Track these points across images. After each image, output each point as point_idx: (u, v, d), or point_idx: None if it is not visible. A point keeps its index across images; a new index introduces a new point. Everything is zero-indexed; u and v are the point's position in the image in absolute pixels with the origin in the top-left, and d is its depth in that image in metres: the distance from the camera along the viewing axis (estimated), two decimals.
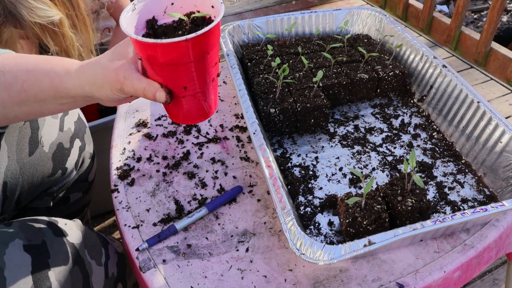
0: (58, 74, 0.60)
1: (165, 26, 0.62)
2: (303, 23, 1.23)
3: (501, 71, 1.90)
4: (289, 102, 0.93)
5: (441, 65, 0.99)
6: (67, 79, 0.60)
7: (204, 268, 0.71)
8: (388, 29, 1.17)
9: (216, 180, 0.88)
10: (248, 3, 2.74)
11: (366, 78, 1.01)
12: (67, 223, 0.72)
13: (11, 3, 0.92)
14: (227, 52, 1.06)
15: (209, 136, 0.99)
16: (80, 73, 0.60)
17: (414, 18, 2.29)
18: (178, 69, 0.56)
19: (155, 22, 0.62)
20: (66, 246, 0.67)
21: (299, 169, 0.89)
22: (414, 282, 0.67)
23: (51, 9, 0.99)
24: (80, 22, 1.13)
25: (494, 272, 1.20)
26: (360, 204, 0.71)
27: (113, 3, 1.38)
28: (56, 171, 0.88)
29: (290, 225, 0.66)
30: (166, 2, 0.62)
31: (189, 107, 0.62)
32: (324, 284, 0.68)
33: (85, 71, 0.60)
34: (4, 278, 0.58)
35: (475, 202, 0.81)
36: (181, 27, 0.61)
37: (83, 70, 0.60)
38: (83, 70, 0.60)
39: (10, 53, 0.63)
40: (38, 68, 0.61)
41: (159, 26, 0.62)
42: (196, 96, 0.61)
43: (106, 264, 0.76)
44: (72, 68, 0.60)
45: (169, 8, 0.62)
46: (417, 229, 0.64)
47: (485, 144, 0.85)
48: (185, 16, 0.61)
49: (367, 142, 0.95)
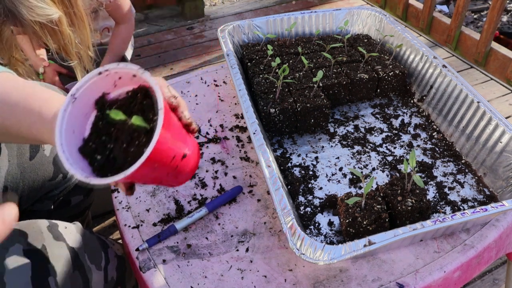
0: (35, 124, 0.58)
1: (120, 103, 0.54)
2: (303, 23, 1.23)
3: (501, 71, 1.89)
4: (289, 102, 0.93)
5: (441, 65, 0.99)
6: (44, 131, 0.58)
7: (204, 268, 0.71)
8: (388, 29, 1.17)
9: (216, 180, 0.88)
10: (248, 3, 2.74)
11: (366, 78, 1.01)
12: (67, 227, 0.72)
13: (11, 2, 0.92)
14: (227, 52, 1.06)
15: (209, 136, 0.99)
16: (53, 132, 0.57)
17: (414, 18, 2.29)
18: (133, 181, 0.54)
19: (106, 101, 0.55)
20: (66, 250, 0.67)
21: (299, 169, 0.89)
22: (414, 282, 0.67)
23: (50, 8, 1.00)
24: (78, 20, 1.13)
25: (494, 272, 1.20)
26: (360, 204, 0.71)
27: (112, 3, 1.39)
28: (57, 175, 0.88)
29: (290, 225, 0.66)
30: (113, 76, 0.54)
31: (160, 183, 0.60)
32: (324, 284, 0.68)
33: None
34: (4, 283, 0.58)
35: (475, 202, 0.81)
36: (132, 106, 0.53)
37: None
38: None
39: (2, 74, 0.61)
40: (18, 110, 0.58)
41: (112, 103, 0.54)
42: (163, 181, 0.58)
43: (106, 268, 0.76)
44: (48, 117, 0.58)
45: (118, 81, 0.54)
46: (417, 229, 0.64)
47: (485, 144, 0.85)
48: (125, 114, 0.52)
49: (367, 142, 0.95)
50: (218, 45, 2.27)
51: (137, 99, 0.53)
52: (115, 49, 1.51)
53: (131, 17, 1.50)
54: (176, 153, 0.53)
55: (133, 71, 0.52)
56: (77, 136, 0.53)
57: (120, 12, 1.44)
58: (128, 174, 0.47)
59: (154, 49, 2.27)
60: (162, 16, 2.62)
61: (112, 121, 0.52)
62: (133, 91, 0.54)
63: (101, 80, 0.53)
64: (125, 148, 0.51)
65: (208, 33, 2.42)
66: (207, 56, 2.22)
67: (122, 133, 0.51)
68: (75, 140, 0.53)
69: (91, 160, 0.53)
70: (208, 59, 2.19)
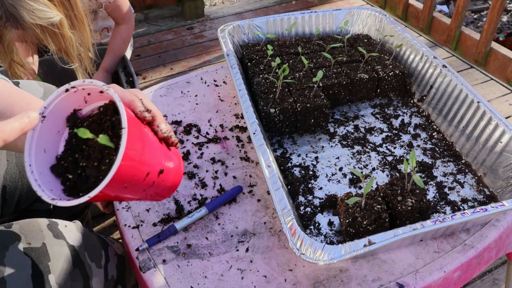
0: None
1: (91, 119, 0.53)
2: (303, 23, 1.23)
3: (501, 71, 1.89)
4: (289, 102, 0.93)
5: (441, 65, 0.99)
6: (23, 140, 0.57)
7: (204, 268, 0.71)
8: (388, 29, 1.17)
9: (216, 180, 0.88)
10: (248, 3, 2.74)
11: (366, 78, 1.01)
12: (67, 225, 0.72)
13: (12, 6, 0.93)
14: (227, 52, 1.06)
15: (209, 136, 0.99)
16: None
17: (414, 18, 2.29)
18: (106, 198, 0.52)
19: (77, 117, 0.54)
20: (66, 248, 0.67)
21: (299, 169, 0.89)
22: (414, 282, 0.67)
23: (51, 10, 1.00)
24: (78, 22, 1.13)
25: (494, 272, 1.20)
26: (360, 204, 0.71)
27: (111, 3, 1.39)
28: None
29: (290, 225, 0.66)
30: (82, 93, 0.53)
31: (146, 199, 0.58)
32: (324, 284, 0.68)
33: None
34: (5, 281, 0.58)
35: (475, 202, 0.81)
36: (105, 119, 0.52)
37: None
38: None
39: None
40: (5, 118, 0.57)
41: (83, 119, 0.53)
42: (142, 197, 0.57)
43: (106, 266, 0.76)
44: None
45: (88, 97, 0.53)
46: (417, 229, 0.64)
47: (485, 144, 0.85)
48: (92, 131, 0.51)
49: (367, 142, 0.95)
50: (218, 45, 2.27)
51: (107, 116, 0.52)
52: (115, 49, 1.51)
53: (130, 17, 1.51)
54: (150, 170, 0.52)
55: (99, 88, 0.51)
56: (49, 155, 0.52)
57: (119, 13, 1.44)
58: (92, 196, 0.46)
59: (154, 49, 2.27)
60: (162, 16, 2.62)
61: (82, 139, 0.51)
62: (104, 106, 0.53)
63: (69, 97, 0.52)
64: (96, 166, 0.49)
65: (208, 33, 2.42)
66: (207, 56, 2.21)
67: (94, 151, 0.50)
68: (47, 158, 0.52)
69: (63, 179, 0.52)
70: (208, 59, 2.19)
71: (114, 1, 1.39)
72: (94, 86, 0.51)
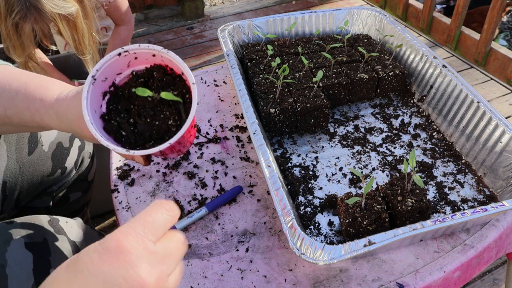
0: (38, 111, 0.59)
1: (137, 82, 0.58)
2: (303, 23, 1.23)
3: (501, 71, 1.90)
4: (289, 102, 0.93)
5: (441, 65, 0.99)
6: (47, 117, 0.59)
7: (204, 268, 0.71)
8: (388, 29, 1.17)
9: (216, 180, 0.88)
10: (248, 3, 2.74)
11: (366, 78, 1.01)
12: (68, 221, 0.72)
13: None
14: (227, 52, 1.06)
15: (209, 136, 0.99)
16: (58, 116, 0.58)
17: (414, 18, 2.29)
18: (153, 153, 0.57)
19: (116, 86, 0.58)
20: (67, 244, 0.68)
21: (299, 169, 0.89)
22: (414, 282, 0.67)
23: (68, 1, 1.09)
24: (88, 15, 1.21)
25: (494, 272, 1.20)
26: (360, 204, 0.71)
27: (111, 3, 1.39)
28: (55, 171, 0.88)
29: (290, 225, 0.66)
30: (130, 57, 0.57)
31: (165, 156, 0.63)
32: (324, 284, 0.68)
33: (62, 115, 0.57)
34: (6, 275, 0.58)
35: (475, 202, 0.81)
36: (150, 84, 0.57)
37: (61, 114, 0.58)
38: (60, 114, 0.58)
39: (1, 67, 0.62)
40: (19, 98, 0.59)
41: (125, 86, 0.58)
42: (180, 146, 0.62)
43: None
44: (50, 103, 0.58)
45: (133, 62, 0.57)
46: (417, 229, 0.64)
47: (485, 144, 0.85)
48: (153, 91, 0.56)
49: (367, 142, 0.95)
50: (218, 45, 2.27)
51: (155, 77, 0.57)
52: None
53: (130, 18, 1.51)
54: (193, 123, 0.59)
55: (155, 51, 0.55)
56: (97, 115, 0.56)
57: (119, 13, 1.44)
58: (172, 142, 0.51)
59: None
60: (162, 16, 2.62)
61: (132, 96, 0.56)
62: (146, 69, 0.58)
63: (118, 60, 0.56)
64: (149, 123, 0.55)
65: (208, 33, 2.42)
66: (207, 56, 2.22)
67: (144, 108, 0.56)
68: (96, 119, 0.56)
69: (116, 136, 0.56)
70: (208, 59, 2.20)
71: (114, 1, 1.39)
72: (149, 50, 0.55)
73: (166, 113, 0.55)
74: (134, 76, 0.58)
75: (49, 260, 0.64)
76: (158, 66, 0.58)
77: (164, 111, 0.55)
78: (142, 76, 0.58)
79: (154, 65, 0.58)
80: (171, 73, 0.57)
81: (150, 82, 0.57)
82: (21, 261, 0.60)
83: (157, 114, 0.55)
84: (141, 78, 0.58)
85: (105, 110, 0.57)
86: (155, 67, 0.58)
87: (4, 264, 0.59)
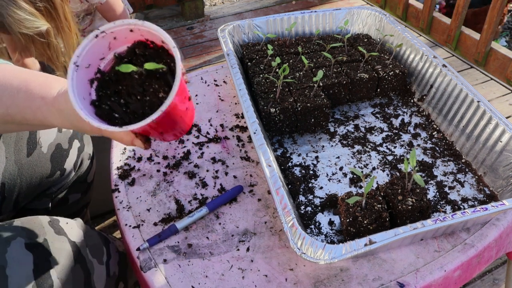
0: (39, 109, 0.59)
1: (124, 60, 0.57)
2: (303, 23, 1.24)
3: (501, 71, 1.90)
4: (289, 101, 0.93)
5: (441, 65, 0.99)
6: (49, 115, 0.59)
7: (205, 267, 0.71)
8: (388, 28, 1.18)
9: (217, 180, 0.88)
10: (248, 3, 2.74)
11: (366, 77, 1.01)
12: (68, 222, 0.72)
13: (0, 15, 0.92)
14: (227, 52, 1.06)
15: (210, 135, 0.99)
16: (60, 113, 0.59)
17: (414, 18, 2.29)
18: (150, 131, 0.56)
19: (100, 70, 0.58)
20: (68, 244, 0.68)
21: (299, 168, 0.89)
22: (415, 281, 0.67)
23: (39, 20, 0.98)
24: (64, 28, 1.11)
25: (494, 272, 1.20)
26: (361, 204, 0.71)
27: (103, 5, 1.39)
28: (54, 172, 0.88)
29: (290, 225, 0.66)
30: (108, 38, 0.56)
31: (164, 137, 0.62)
32: (325, 283, 0.68)
33: (63, 111, 0.58)
34: (6, 276, 0.58)
35: (475, 201, 0.81)
36: (134, 61, 0.56)
37: (62, 110, 0.58)
38: (61, 110, 0.58)
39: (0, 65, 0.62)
40: (20, 97, 0.59)
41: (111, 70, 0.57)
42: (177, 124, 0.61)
43: (107, 263, 0.76)
44: (50, 99, 0.59)
45: (113, 43, 0.56)
46: (418, 228, 0.64)
47: (485, 143, 0.85)
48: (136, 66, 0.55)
49: (367, 141, 0.95)
50: (218, 45, 2.27)
51: (137, 53, 0.55)
52: None
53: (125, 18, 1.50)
54: (186, 94, 0.57)
55: (131, 26, 0.54)
56: (87, 102, 0.55)
57: (112, 13, 1.43)
58: (163, 109, 0.49)
59: None
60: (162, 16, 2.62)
61: (119, 78, 0.55)
62: (128, 48, 0.56)
63: (97, 43, 0.55)
64: (140, 99, 0.54)
65: (208, 33, 2.42)
66: (207, 56, 2.22)
67: (133, 86, 0.54)
68: (88, 105, 0.55)
69: (110, 121, 0.55)
70: (208, 59, 2.20)
71: (106, 2, 1.39)
72: (125, 26, 0.54)
73: (155, 86, 0.54)
74: (118, 58, 0.57)
75: (49, 261, 0.64)
76: (139, 43, 0.56)
77: (153, 85, 0.54)
78: (125, 57, 0.57)
79: (135, 42, 0.56)
80: (153, 47, 0.56)
81: (134, 60, 0.56)
82: (21, 261, 0.60)
83: (146, 90, 0.54)
84: (125, 58, 0.57)
85: (96, 97, 0.56)
86: (136, 44, 0.56)
87: (5, 265, 0.59)
